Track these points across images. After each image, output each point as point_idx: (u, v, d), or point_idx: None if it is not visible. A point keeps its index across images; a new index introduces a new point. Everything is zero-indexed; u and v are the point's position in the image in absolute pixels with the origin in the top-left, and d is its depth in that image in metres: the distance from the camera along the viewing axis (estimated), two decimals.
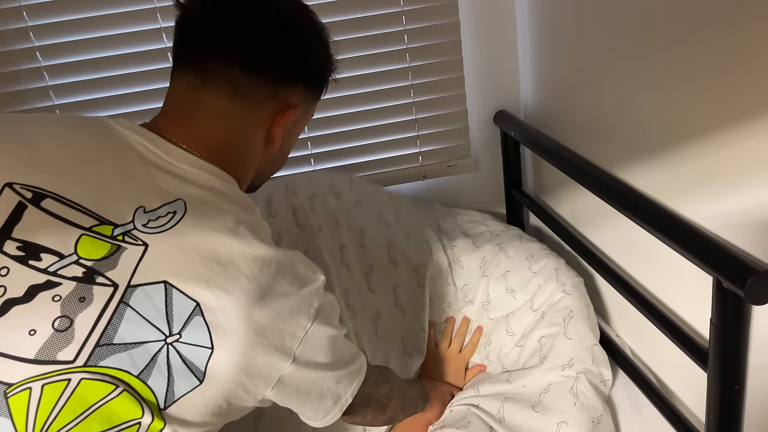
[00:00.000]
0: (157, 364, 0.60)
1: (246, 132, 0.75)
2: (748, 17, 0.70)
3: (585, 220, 1.26)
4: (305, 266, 0.70)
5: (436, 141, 1.45)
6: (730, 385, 0.81)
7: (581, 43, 1.13)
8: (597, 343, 1.10)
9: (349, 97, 1.37)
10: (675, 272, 0.93)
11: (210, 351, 0.61)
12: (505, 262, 1.26)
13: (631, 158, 1.02)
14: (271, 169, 0.86)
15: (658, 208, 0.92)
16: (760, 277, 0.69)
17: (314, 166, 1.41)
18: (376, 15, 1.32)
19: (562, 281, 1.18)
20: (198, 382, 0.61)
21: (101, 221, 0.62)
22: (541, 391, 1.05)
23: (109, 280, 0.60)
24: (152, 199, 0.65)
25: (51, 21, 1.23)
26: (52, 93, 1.28)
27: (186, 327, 0.60)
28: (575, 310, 1.13)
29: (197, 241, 0.63)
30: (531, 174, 1.49)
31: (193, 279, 0.61)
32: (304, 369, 0.67)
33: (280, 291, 0.65)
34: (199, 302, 0.60)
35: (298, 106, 0.77)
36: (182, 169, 0.69)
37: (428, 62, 1.37)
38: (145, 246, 0.61)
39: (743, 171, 0.77)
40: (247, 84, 0.72)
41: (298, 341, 0.65)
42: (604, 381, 1.07)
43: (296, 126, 0.83)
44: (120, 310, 0.59)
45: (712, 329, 0.80)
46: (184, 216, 0.64)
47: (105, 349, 0.58)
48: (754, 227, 0.76)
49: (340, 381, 0.73)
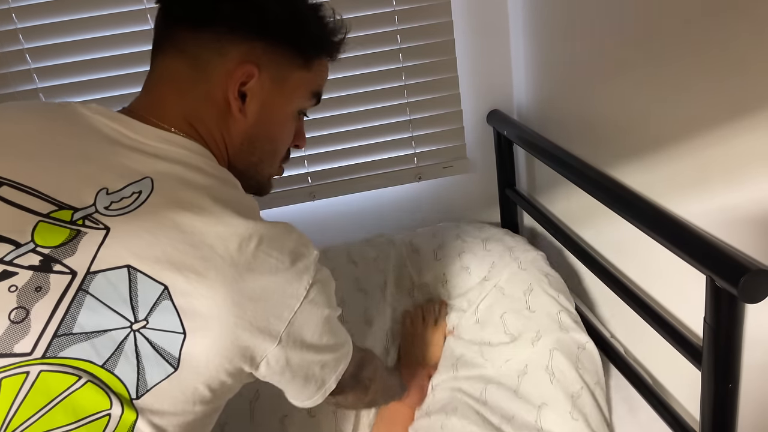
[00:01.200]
0: (123, 352, 0.57)
1: (200, 93, 0.70)
2: (740, 17, 0.70)
3: (578, 219, 1.26)
4: (296, 240, 0.66)
5: (432, 142, 1.45)
6: (724, 384, 0.81)
7: (574, 43, 1.13)
8: (563, 309, 1.11)
9: (342, 98, 1.37)
10: (669, 271, 0.93)
11: (182, 336, 0.58)
12: (460, 245, 1.32)
13: (623, 157, 1.02)
14: (254, 153, 0.77)
15: (651, 207, 0.92)
16: (754, 276, 0.69)
17: (308, 168, 1.41)
18: (369, 15, 1.31)
19: (515, 256, 1.22)
20: (172, 369, 0.58)
21: (60, 206, 0.60)
22: (519, 374, 1.06)
23: (66, 268, 0.57)
24: (116, 180, 0.62)
25: (41, 23, 1.22)
26: (35, 76, 1.26)
27: (153, 312, 0.57)
28: (533, 282, 1.16)
29: (164, 221, 0.60)
30: (524, 173, 1.49)
31: (160, 262, 0.58)
32: (290, 351, 0.64)
33: (263, 269, 0.61)
34: (167, 285, 0.57)
35: (254, 65, 0.70)
36: (151, 146, 0.66)
37: (422, 62, 1.37)
38: (107, 229, 0.59)
39: (736, 169, 0.77)
40: (190, 41, 0.69)
41: (284, 322, 0.62)
42: (581, 345, 1.07)
43: (272, 96, 0.74)
44: (79, 298, 0.57)
45: (706, 328, 0.80)
46: (150, 195, 0.61)
47: (64, 339, 0.56)
48: (748, 225, 0.76)
49: (326, 366, 0.71)
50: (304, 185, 1.43)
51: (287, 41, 0.73)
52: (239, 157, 0.76)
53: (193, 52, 0.70)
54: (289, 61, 0.74)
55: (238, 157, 0.76)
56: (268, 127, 0.76)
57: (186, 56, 0.70)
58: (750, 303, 0.73)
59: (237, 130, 0.74)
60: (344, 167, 1.43)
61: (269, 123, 0.76)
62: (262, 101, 0.73)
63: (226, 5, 0.69)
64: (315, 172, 1.42)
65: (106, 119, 0.67)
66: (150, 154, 0.65)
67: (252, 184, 0.80)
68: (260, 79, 0.71)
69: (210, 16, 0.69)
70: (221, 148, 0.74)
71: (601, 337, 1.15)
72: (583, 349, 1.07)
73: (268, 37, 0.71)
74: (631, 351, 1.14)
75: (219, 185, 0.65)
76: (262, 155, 0.79)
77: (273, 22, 0.71)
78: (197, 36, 0.69)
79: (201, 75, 0.70)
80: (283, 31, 0.72)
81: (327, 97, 1.33)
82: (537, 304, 1.14)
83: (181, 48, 0.70)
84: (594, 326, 1.18)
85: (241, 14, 0.70)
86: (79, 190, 0.61)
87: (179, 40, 0.70)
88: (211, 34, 0.69)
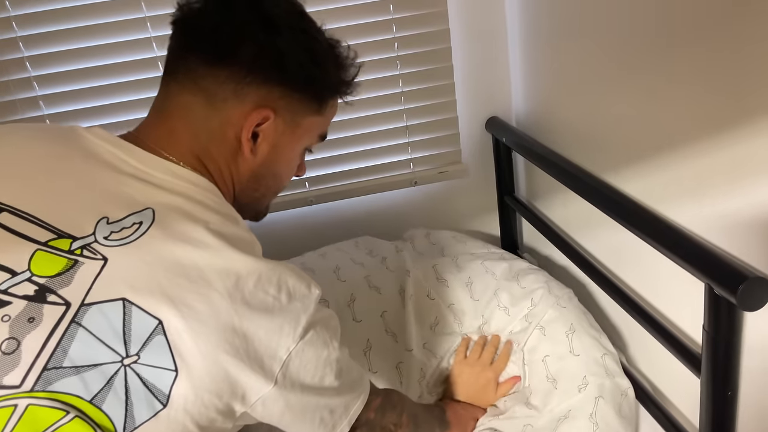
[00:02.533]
0: (113, 387, 0.55)
1: (213, 131, 0.70)
2: (738, 25, 0.71)
3: (577, 226, 1.26)
4: (296, 279, 0.64)
5: (428, 147, 1.45)
6: (723, 392, 0.80)
7: (572, 50, 1.13)
8: (607, 352, 1.06)
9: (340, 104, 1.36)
10: (668, 278, 0.93)
11: (174, 374, 0.56)
12: (494, 281, 1.24)
13: (622, 164, 1.02)
14: (258, 189, 0.78)
15: (650, 214, 0.92)
16: (752, 284, 0.69)
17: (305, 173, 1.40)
18: (367, 23, 1.31)
19: (555, 294, 1.16)
20: (161, 406, 0.56)
21: (59, 234, 0.59)
22: (560, 417, 1.00)
23: (61, 299, 0.56)
24: (117, 209, 0.61)
25: (40, 31, 1.22)
26: (41, 103, 1.27)
27: (145, 347, 0.56)
28: (575, 323, 1.10)
29: (163, 253, 0.58)
30: (523, 180, 1.49)
31: (155, 295, 0.56)
32: (289, 393, 0.62)
33: (260, 306, 0.60)
34: (161, 320, 0.56)
35: (271, 109, 0.70)
36: (156, 177, 0.65)
37: (419, 69, 1.37)
38: (105, 260, 0.58)
39: (735, 176, 0.77)
40: (208, 77, 0.68)
41: (280, 363, 0.61)
42: (623, 391, 1.02)
43: (283, 139, 0.75)
44: (71, 331, 0.55)
45: (705, 336, 0.79)
46: (151, 226, 0.60)
47: (54, 373, 0.55)
48: (746, 233, 0.76)
49: (335, 410, 0.68)
50: (302, 190, 1.43)
51: (305, 88, 0.73)
52: (245, 192, 0.76)
53: (209, 89, 0.68)
54: (305, 107, 0.75)
55: (243, 193, 0.76)
56: (276, 166, 0.77)
57: (202, 91, 0.69)
58: (749, 311, 0.73)
59: (245, 168, 0.74)
60: (342, 172, 1.43)
61: (277, 163, 0.76)
62: (273, 143, 0.73)
63: (249, 47, 0.68)
64: (312, 178, 1.42)
65: (110, 146, 0.66)
66: (153, 184, 0.64)
67: (250, 214, 0.81)
68: (275, 122, 0.71)
69: (232, 55, 0.68)
70: (228, 185, 0.73)
71: None
72: (625, 396, 1.02)
73: (287, 82, 0.71)
74: (631, 358, 1.14)
75: (221, 220, 0.64)
76: (266, 191, 0.79)
77: (293, 69, 0.71)
78: (215, 73, 0.68)
79: (215, 113, 0.69)
80: (302, 78, 0.72)
81: None
82: (580, 347, 1.07)
83: (197, 82, 0.69)
84: None
85: (263, 58, 0.69)
86: (79, 218, 0.60)
87: (196, 73, 0.69)
88: (230, 74, 0.68)
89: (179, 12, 0.70)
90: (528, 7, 1.28)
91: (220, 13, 0.69)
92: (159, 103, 0.72)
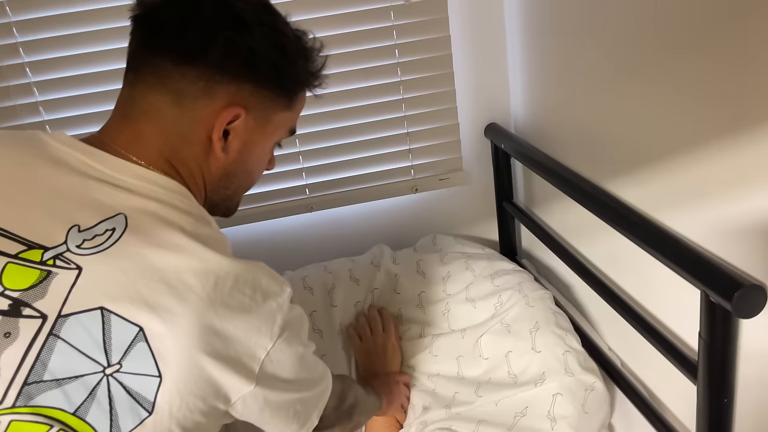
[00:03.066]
0: (96, 398, 0.55)
1: (182, 131, 0.68)
2: (736, 33, 0.71)
3: (575, 233, 1.26)
4: (269, 278, 0.64)
5: (428, 154, 1.45)
6: (719, 398, 0.81)
7: (571, 57, 1.14)
8: (569, 350, 1.08)
9: (340, 111, 1.38)
10: (665, 285, 0.93)
11: (158, 380, 0.56)
12: (471, 277, 1.29)
13: (619, 171, 1.03)
14: (229, 186, 0.76)
15: (646, 221, 0.93)
16: (748, 291, 0.70)
17: (306, 179, 1.42)
18: (367, 30, 1.32)
19: (525, 294, 1.19)
20: (147, 414, 0.56)
21: (29, 246, 0.57)
22: (516, 414, 1.03)
23: (37, 312, 0.55)
24: (88, 216, 0.59)
25: (41, 37, 1.23)
26: (41, 108, 1.27)
27: (127, 355, 0.55)
28: (540, 321, 1.13)
29: (139, 259, 0.58)
30: (522, 186, 1.50)
31: (134, 302, 0.56)
32: (267, 390, 0.63)
33: (238, 307, 0.60)
34: (142, 327, 0.56)
35: (242, 107, 0.68)
36: (125, 181, 0.63)
37: (419, 76, 1.38)
38: (79, 270, 0.56)
39: (731, 184, 0.77)
40: (176, 76, 0.66)
41: (258, 362, 0.61)
42: (588, 386, 1.04)
43: (254, 135, 0.73)
44: (49, 344, 0.54)
45: (701, 342, 0.80)
46: (124, 232, 0.59)
47: (34, 387, 0.54)
48: (742, 240, 0.77)
49: (307, 403, 0.70)
50: (302, 197, 1.43)
51: (275, 84, 0.71)
52: (216, 191, 0.75)
53: (178, 89, 0.66)
54: (275, 102, 0.73)
55: (215, 191, 0.75)
56: (248, 163, 0.75)
57: (170, 91, 0.66)
58: (744, 318, 0.73)
59: (217, 167, 0.72)
60: (342, 179, 1.44)
61: (248, 160, 0.75)
62: (244, 141, 0.72)
63: (219, 46, 0.66)
64: (313, 185, 1.43)
65: (76, 152, 0.64)
66: (124, 188, 0.63)
67: (221, 210, 0.80)
68: (246, 119, 0.70)
69: (201, 54, 0.66)
70: (200, 185, 0.72)
71: (598, 350, 1.15)
72: (591, 390, 1.04)
73: (256, 79, 0.69)
74: (627, 364, 1.14)
75: (194, 222, 0.63)
76: (237, 188, 0.78)
77: (264, 66, 0.69)
78: (184, 72, 0.66)
79: (185, 113, 0.67)
80: (272, 73, 0.70)
81: (326, 110, 1.36)
82: (543, 343, 1.10)
83: (165, 82, 0.66)
84: (591, 339, 1.18)
85: (233, 56, 0.67)
86: (48, 228, 0.59)
87: (163, 73, 0.66)
88: (200, 73, 0.66)
89: (140, 8, 0.68)
90: (528, 13, 1.29)
91: (186, 9, 0.67)
92: (124, 105, 0.69)
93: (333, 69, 1.33)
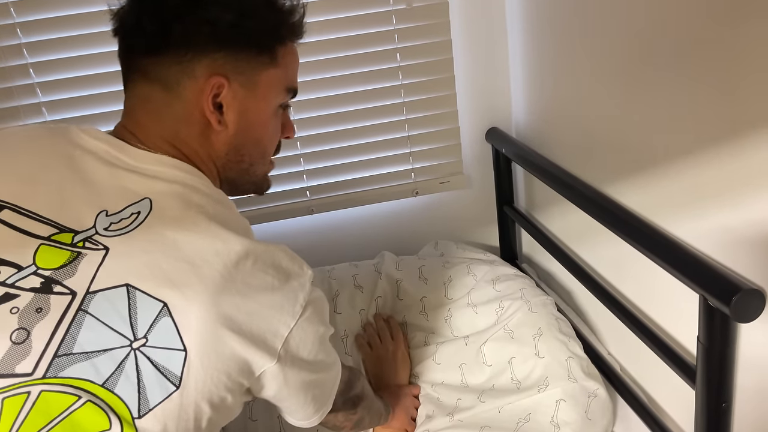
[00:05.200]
0: (124, 371, 0.57)
1: (178, 114, 0.70)
2: (735, 37, 0.72)
3: (575, 237, 1.26)
4: (290, 259, 0.67)
5: (429, 158, 1.46)
6: (717, 402, 0.81)
7: (571, 62, 1.15)
8: (572, 355, 1.08)
9: (342, 113, 1.38)
10: (664, 290, 0.93)
11: (184, 353, 0.58)
12: (473, 282, 1.29)
13: (620, 176, 1.03)
14: (243, 159, 0.76)
15: (646, 226, 0.93)
16: (746, 295, 0.70)
17: (307, 182, 1.42)
18: (369, 33, 1.33)
19: (527, 299, 1.19)
20: (174, 388, 0.58)
21: (61, 229, 0.61)
22: (519, 420, 1.03)
23: (67, 289, 0.58)
24: (116, 202, 0.63)
25: (44, 38, 1.24)
26: (44, 109, 1.28)
27: (152, 330, 0.58)
28: (543, 326, 1.13)
29: (162, 239, 0.61)
30: (523, 191, 1.50)
31: (158, 279, 0.59)
32: (288, 368, 0.65)
33: (260, 285, 0.62)
34: (166, 302, 0.58)
35: (221, 76, 0.69)
36: (148, 169, 0.67)
37: (420, 80, 1.38)
38: (106, 250, 0.60)
39: (730, 189, 0.77)
40: (154, 65, 0.69)
41: (281, 339, 0.63)
42: (591, 393, 1.04)
43: (247, 102, 0.73)
44: (78, 318, 0.58)
45: (699, 347, 0.80)
46: (149, 215, 0.62)
47: (65, 359, 0.57)
48: (741, 245, 0.77)
49: (323, 386, 0.72)
50: (303, 199, 1.44)
51: (246, 44, 0.71)
52: (229, 167, 0.76)
53: (159, 77, 0.69)
54: (255, 62, 0.72)
55: (228, 168, 0.76)
56: (251, 131, 0.75)
57: (154, 82, 0.70)
58: (742, 322, 0.73)
59: (220, 143, 0.73)
60: (343, 182, 1.44)
61: (251, 128, 0.75)
62: (238, 109, 0.72)
63: (176, 27, 0.68)
64: (314, 187, 1.43)
65: (103, 143, 0.68)
66: (148, 176, 0.66)
67: (248, 187, 0.81)
68: (231, 88, 0.70)
69: (165, 41, 0.68)
70: (209, 165, 0.74)
71: (598, 355, 1.15)
72: (594, 397, 1.04)
73: (225, 45, 0.70)
74: (626, 369, 1.14)
75: (214, 204, 0.66)
76: (252, 159, 0.78)
77: (225, 30, 0.69)
78: (159, 61, 0.69)
79: (174, 97, 0.70)
80: (238, 35, 0.70)
81: (328, 113, 1.36)
82: (546, 349, 1.10)
83: (148, 75, 0.70)
84: (591, 344, 1.18)
85: (193, 31, 0.68)
86: (79, 213, 0.62)
87: (144, 69, 0.70)
88: (172, 57, 0.69)
89: (116, 21, 0.72)
90: (529, 18, 1.29)
91: (141, 4, 0.70)
92: (126, 106, 0.73)
93: (334, 72, 1.34)
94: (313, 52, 1.30)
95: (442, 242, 1.49)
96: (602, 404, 1.04)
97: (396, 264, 1.39)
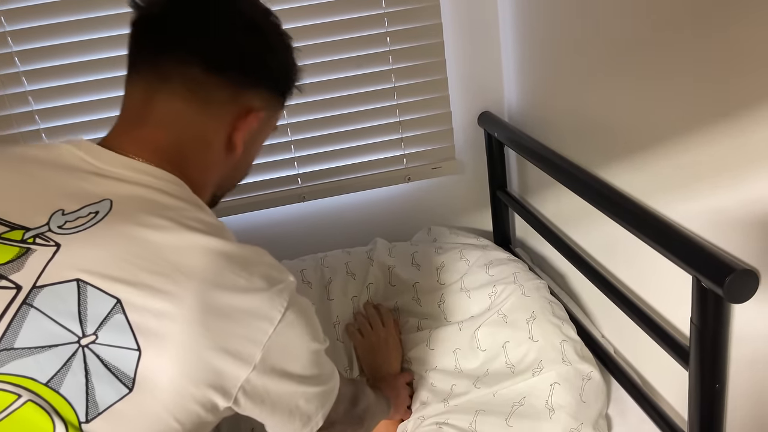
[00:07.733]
0: (71, 369, 0.54)
1: (202, 136, 0.70)
2: (727, 20, 0.71)
3: (569, 221, 1.26)
4: (270, 264, 0.63)
5: (421, 143, 1.45)
6: (711, 384, 0.81)
7: (563, 45, 1.14)
8: (566, 339, 1.08)
9: (332, 99, 1.37)
10: (657, 272, 0.93)
11: (137, 353, 0.54)
12: (465, 267, 1.29)
13: (612, 158, 1.02)
14: (234, 178, 0.81)
15: (638, 208, 0.92)
16: (739, 276, 0.69)
17: (298, 169, 1.41)
18: (358, 17, 1.31)
19: (521, 284, 1.19)
20: (127, 390, 0.54)
21: (11, 227, 0.59)
22: (514, 404, 1.03)
23: (12, 283, 0.56)
24: (73, 202, 0.61)
25: (36, 46, 1.22)
26: (37, 117, 1.27)
27: (103, 326, 0.54)
28: (537, 310, 1.13)
29: (120, 235, 0.58)
30: (516, 175, 1.50)
31: (112, 275, 0.55)
32: (268, 379, 0.60)
33: (232, 288, 0.58)
34: (120, 299, 0.55)
35: (261, 110, 0.73)
36: (114, 172, 0.64)
37: (411, 64, 1.37)
38: (57, 246, 0.57)
39: (722, 170, 0.77)
40: (206, 85, 0.69)
41: (259, 347, 0.58)
42: (585, 376, 1.04)
43: (260, 133, 0.79)
44: (22, 312, 0.54)
45: (693, 328, 0.80)
46: (107, 214, 0.60)
47: (5, 355, 0.53)
48: (734, 226, 0.77)
49: (311, 400, 0.66)
50: (294, 187, 1.43)
51: (286, 89, 0.78)
52: (222, 186, 0.80)
53: (206, 96, 0.69)
54: (278, 102, 0.79)
55: (221, 187, 0.79)
56: (250, 158, 0.82)
57: (197, 99, 0.69)
58: (735, 303, 0.73)
59: (228, 166, 0.76)
60: (334, 168, 1.43)
61: (252, 154, 0.81)
62: (252, 139, 0.77)
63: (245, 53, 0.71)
64: (305, 174, 1.42)
65: (71, 146, 0.66)
66: (112, 178, 0.64)
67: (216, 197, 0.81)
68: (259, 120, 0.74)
69: (231, 65, 0.70)
70: (208, 182, 0.75)
71: (592, 338, 1.15)
72: (588, 380, 1.04)
73: (270, 83, 0.75)
74: (620, 351, 1.14)
75: (185, 206, 0.64)
76: (234, 180, 0.82)
77: (281, 75, 0.76)
78: (214, 81, 0.69)
79: (210, 119, 0.70)
80: (285, 80, 0.77)
81: (318, 99, 1.35)
82: (540, 333, 1.10)
83: (193, 89, 0.68)
84: (584, 327, 1.18)
85: (256, 62, 0.72)
86: (32, 212, 0.60)
87: (191, 81, 0.68)
88: (228, 80, 0.70)
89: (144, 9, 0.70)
90: (520, 1, 1.28)
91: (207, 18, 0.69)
92: (138, 109, 0.70)
93: (324, 57, 1.32)
94: (302, 36, 1.29)
95: (435, 228, 1.49)
96: (596, 387, 1.04)
97: (389, 250, 1.39)
